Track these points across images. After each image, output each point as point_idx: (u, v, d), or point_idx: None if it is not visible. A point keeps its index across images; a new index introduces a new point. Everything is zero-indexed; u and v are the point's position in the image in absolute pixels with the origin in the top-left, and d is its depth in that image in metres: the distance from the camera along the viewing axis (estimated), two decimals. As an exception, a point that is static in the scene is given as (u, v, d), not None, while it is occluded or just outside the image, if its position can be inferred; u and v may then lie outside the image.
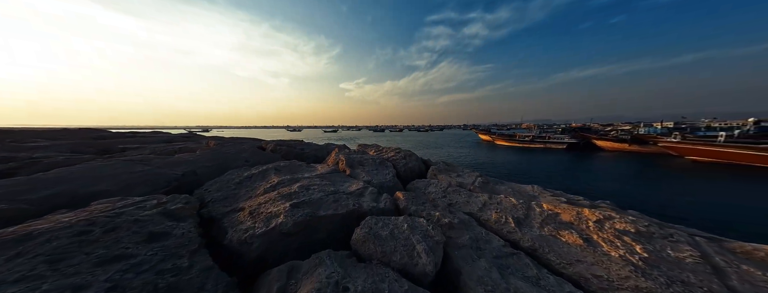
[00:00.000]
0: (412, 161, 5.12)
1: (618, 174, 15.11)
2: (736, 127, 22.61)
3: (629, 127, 38.90)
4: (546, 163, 19.97)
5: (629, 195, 10.76)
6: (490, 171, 17.14)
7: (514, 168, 17.77)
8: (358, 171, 4.20)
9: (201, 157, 3.80)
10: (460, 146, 34.55)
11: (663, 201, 9.52)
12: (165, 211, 2.00)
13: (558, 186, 12.34)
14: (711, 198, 9.80)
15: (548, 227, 2.39)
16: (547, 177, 14.70)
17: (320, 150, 6.11)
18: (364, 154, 5.23)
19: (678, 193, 10.61)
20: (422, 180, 4.18)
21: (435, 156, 22.97)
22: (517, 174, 15.87)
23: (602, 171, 16.14)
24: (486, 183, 4.01)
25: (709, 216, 7.74)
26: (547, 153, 26.56)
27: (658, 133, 26.77)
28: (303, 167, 4.12)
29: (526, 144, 32.36)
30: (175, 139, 7.36)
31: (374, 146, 6.55)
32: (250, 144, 6.02)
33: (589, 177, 14.33)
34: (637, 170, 16.61)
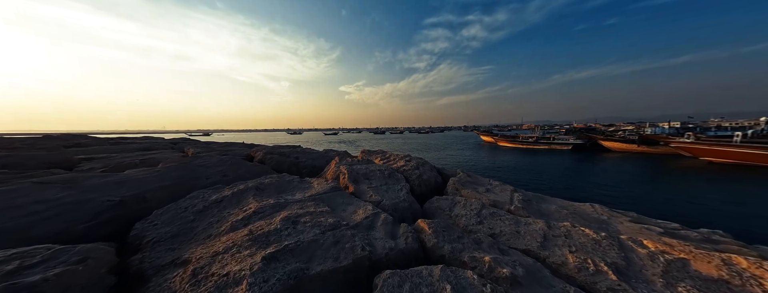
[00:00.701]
0: (427, 172, 4.21)
1: (635, 177, 14.06)
2: (749, 127, 21.69)
3: (633, 127, 37.99)
4: (553, 165, 18.98)
5: (658, 201, 9.72)
6: (494, 173, 16.18)
7: (520, 171, 16.80)
8: (363, 188, 3.30)
9: (160, 174, 2.90)
10: (463, 148, 33.61)
11: (704, 209, 8.45)
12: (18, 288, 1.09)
13: (572, 192, 11.46)
14: (750, 204, 8.80)
15: (684, 286, 1.46)
16: (557, 180, 13.46)
17: (319, 158, 5.20)
18: (369, 164, 4.33)
19: (716, 200, 9.57)
20: (444, 199, 3.27)
21: (440, 159, 22.02)
22: (523, 176, 14.94)
23: (616, 174, 15.14)
24: (528, 201, 3.09)
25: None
26: (552, 154, 25.56)
27: (666, 133, 25.83)
28: (294, 183, 3.22)
29: (529, 145, 31.38)
30: (157, 146, 6.46)
31: (379, 152, 5.65)
32: (235, 152, 5.10)
33: (604, 181, 13.26)
34: (653, 172, 15.61)
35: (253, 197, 2.57)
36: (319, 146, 38.94)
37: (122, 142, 8.68)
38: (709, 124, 27.69)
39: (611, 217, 2.67)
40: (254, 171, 3.75)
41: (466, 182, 3.89)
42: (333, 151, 6.17)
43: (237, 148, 6.14)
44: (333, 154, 5.69)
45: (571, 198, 9.54)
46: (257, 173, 3.73)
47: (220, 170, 3.47)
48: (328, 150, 6.28)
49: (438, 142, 48.53)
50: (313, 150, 6.52)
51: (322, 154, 5.54)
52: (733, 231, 6.46)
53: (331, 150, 6.29)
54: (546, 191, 11.25)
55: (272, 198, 2.57)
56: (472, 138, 54.64)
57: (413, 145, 40.83)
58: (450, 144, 40.83)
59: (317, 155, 5.32)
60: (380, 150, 5.90)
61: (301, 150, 5.66)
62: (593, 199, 9.95)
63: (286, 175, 3.44)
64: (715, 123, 27.30)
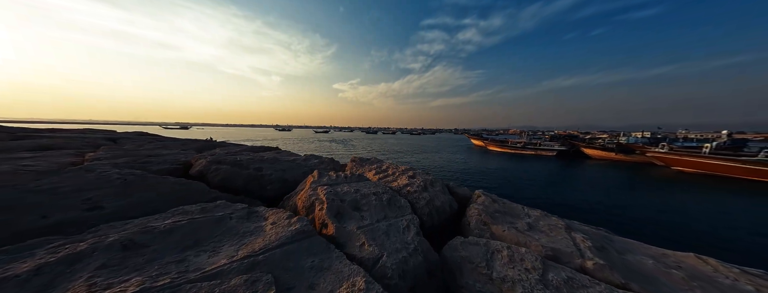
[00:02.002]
0: (439, 195, 3.00)
1: (617, 186, 14.27)
2: (712, 139, 23.17)
3: (607, 136, 39.89)
4: (539, 171, 18.99)
5: (636, 209, 9.66)
6: (487, 179, 15.83)
7: (510, 177, 16.72)
8: (350, 229, 2.02)
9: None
10: (455, 151, 33.24)
11: (683, 220, 8.31)
12: None
13: (559, 199, 11.31)
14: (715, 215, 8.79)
15: None
16: (543, 186, 13.62)
17: (293, 169, 3.78)
18: (360, 182, 3.04)
19: (689, 209, 9.57)
20: (473, 244, 2.08)
21: (435, 163, 21.11)
22: (513, 183, 14.88)
23: (600, 182, 15.21)
24: (603, 249, 1.98)
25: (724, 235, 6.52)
26: (538, 160, 25.79)
27: (639, 142, 27.06)
28: (228, 224, 1.84)
29: (517, 150, 31.68)
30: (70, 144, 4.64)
31: (374, 163, 4.38)
32: (163, 160, 3.41)
33: (590, 190, 13.28)
34: (631, 180, 15.93)
35: (102, 270, 1.18)
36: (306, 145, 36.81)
37: (30, 136, 6.53)
38: (677, 135, 29.46)
39: (739, 279, 1.65)
40: (169, 196, 2.27)
41: (495, 211, 2.74)
42: (315, 158, 4.77)
43: (174, 149, 4.53)
44: (314, 163, 4.30)
45: (569, 210, 8.32)
46: (175, 199, 2.27)
47: (91, 198, 1.94)
48: (310, 157, 4.86)
49: (430, 144, 48.09)
50: (292, 156, 5.07)
51: (299, 163, 4.13)
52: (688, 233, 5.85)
53: (314, 157, 4.88)
54: (538, 200, 10.97)
55: (154, 269, 1.21)
56: (462, 141, 54.88)
57: (406, 146, 39.93)
58: (442, 147, 40.44)
59: (292, 165, 3.90)
60: (375, 159, 4.63)
61: (271, 156, 4.19)
62: (581, 208, 9.84)
63: (223, 205, 2.05)
64: (682, 134, 29.07)
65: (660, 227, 7.59)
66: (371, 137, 71.71)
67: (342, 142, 47.36)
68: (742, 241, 6.20)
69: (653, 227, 7.61)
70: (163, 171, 3.01)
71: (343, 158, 23.72)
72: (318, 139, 53.15)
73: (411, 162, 23.44)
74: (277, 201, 3.08)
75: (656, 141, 27.13)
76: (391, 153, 30.36)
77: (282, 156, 4.73)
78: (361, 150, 32.98)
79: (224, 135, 63.14)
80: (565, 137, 33.95)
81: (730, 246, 5.97)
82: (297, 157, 4.57)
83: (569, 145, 29.14)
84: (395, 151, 32.66)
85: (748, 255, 5.58)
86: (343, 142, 45.29)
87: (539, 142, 31.33)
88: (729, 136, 22.99)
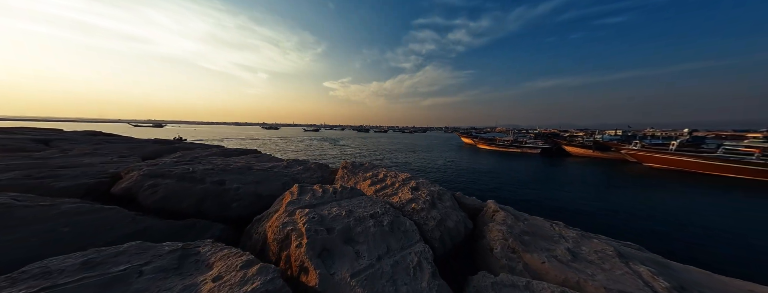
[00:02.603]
0: (451, 213, 2.37)
1: (597, 182, 14.92)
2: (676, 137, 25.10)
3: (583, 134, 42.08)
4: (527, 169, 19.47)
5: (620, 207, 10.04)
6: (477, 177, 15.88)
7: (501, 176, 17.00)
8: (341, 278, 1.34)
9: None
10: (447, 149, 33.34)
11: (664, 217, 8.66)
12: None
13: (549, 199, 11.49)
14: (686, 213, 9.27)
15: None
16: (526, 181, 14.11)
17: (270, 180, 2.94)
18: (353, 198, 2.33)
19: (667, 207, 10.05)
20: (508, 288, 1.51)
21: (428, 161, 20.76)
22: (504, 182, 15.12)
23: (582, 180, 15.76)
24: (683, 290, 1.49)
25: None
26: (524, 157, 26.50)
27: (613, 140, 28.73)
28: (129, 287, 1.09)
29: (505, 148, 32.43)
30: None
31: (370, 169, 3.68)
32: (80, 172, 2.31)
33: (573, 187, 13.74)
34: (610, 178, 16.70)
35: None
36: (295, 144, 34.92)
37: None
38: (645, 132, 31.64)
39: None
40: (56, 235, 1.38)
41: (522, 233, 2.16)
42: (299, 164, 3.95)
43: (110, 158, 3.50)
44: (297, 171, 3.48)
45: (560, 210, 7.89)
46: (72, 237, 1.40)
47: None
48: (293, 162, 4.03)
49: (422, 142, 48.04)
50: (271, 161, 4.22)
51: (279, 171, 3.29)
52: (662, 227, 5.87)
53: (298, 162, 4.06)
54: (530, 200, 11.06)
55: None
56: (453, 139, 55.45)
57: (399, 145, 39.43)
58: (434, 145, 40.44)
59: (267, 174, 3.05)
60: (370, 164, 3.93)
61: (243, 164, 3.32)
62: (571, 208, 9.82)
63: (134, 248, 1.26)
64: (650, 132, 31.25)
65: (645, 227, 7.75)
66: (363, 135, 70.57)
67: (333, 140, 45.90)
68: (721, 243, 6.35)
69: (639, 226, 7.74)
70: (74, 189, 2.10)
71: (334, 159, 22.60)
72: (308, 138, 51.14)
73: (405, 161, 22.98)
74: (248, 222, 2.30)
75: (628, 139, 28.96)
76: (384, 152, 29.70)
77: (260, 161, 3.88)
78: (354, 149, 31.98)
79: (205, 133, 58.68)
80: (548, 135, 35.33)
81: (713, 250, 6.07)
82: (277, 164, 3.74)
83: (552, 143, 30.28)
84: (389, 150, 32.07)
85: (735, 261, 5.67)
86: (335, 141, 43.89)
87: (525, 140, 32.28)
88: (690, 133, 25.02)
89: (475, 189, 12.60)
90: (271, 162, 3.98)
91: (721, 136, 28.62)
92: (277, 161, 4.02)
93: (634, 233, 7.13)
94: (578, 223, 9.53)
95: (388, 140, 52.03)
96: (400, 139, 58.40)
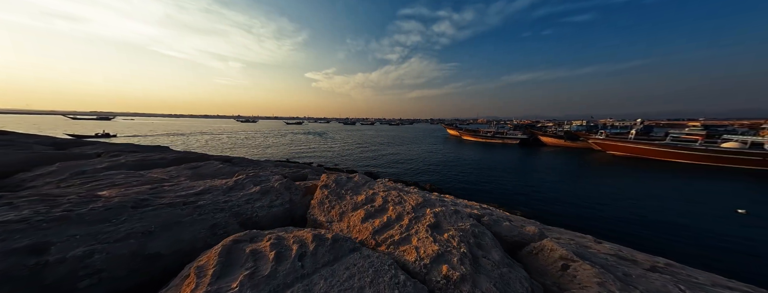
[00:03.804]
0: (507, 276, 1.45)
1: (570, 171, 15.83)
2: (631, 127, 27.69)
3: (552, 124, 44.90)
4: (506, 159, 20.09)
5: (585, 191, 10.79)
6: (463, 167, 15.82)
7: (483, 165, 17.39)
8: None
9: None
10: (434, 141, 33.22)
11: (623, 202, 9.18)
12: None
13: (523, 184, 11.62)
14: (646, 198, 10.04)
15: None
16: (509, 173, 14.53)
17: (179, 226, 1.64)
18: (337, 264, 1.25)
19: (627, 191, 10.82)
20: None
21: (417, 155, 19.90)
22: (485, 170, 15.14)
23: (556, 168, 16.54)
24: None
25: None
26: (505, 148, 27.42)
27: (580, 130, 30.89)
28: None
29: (487, 139, 33.28)
30: None
31: (361, 188, 2.55)
32: None
33: (549, 176, 14.50)
34: (579, 166, 17.82)
35: None
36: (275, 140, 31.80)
37: None
38: (605, 122, 34.48)
39: None
40: None
41: None
42: (256, 181, 2.65)
43: None
44: (243, 200, 2.15)
45: (540, 199, 7.63)
46: None
47: None
48: (248, 180, 2.68)
49: (409, 134, 47.51)
50: (209, 179, 2.85)
51: (208, 202, 1.94)
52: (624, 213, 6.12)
53: (255, 178, 2.76)
54: (514, 191, 11.23)
55: None
56: (439, 131, 55.84)
57: (386, 137, 38.43)
58: (421, 137, 40.13)
59: (182, 212, 1.73)
60: (362, 178, 2.80)
61: (136, 193, 1.90)
62: (550, 197, 10.11)
63: None
64: (609, 122, 34.11)
65: (609, 211, 8.18)
66: (349, 128, 68.02)
67: (318, 134, 43.30)
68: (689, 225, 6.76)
69: (606, 210, 8.24)
70: None
71: (321, 155, 20.86)
72: (290, 132, 47.61)
73: (394, 153, 22.17)
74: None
75: (591, 128, 31.34)
76: (372, 145, 28.52)
77: (193, 177, 2.54)
78: (341, 143, 30.25)
79: (162, 127, 51.05)
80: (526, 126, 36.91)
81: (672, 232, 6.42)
82: (216, 185, 2.38)
83: (529, 134, 31.66)
84: (377, 143, 30.95)
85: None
86: (320, 135, 41.41)
87: (505, 131, 33.34)
88: (642, 123, 27.68)
89: (464, 181, 12.37)
90: (211, 179, 2.64)
91: (659, 124, 32.22)
92: (224, 178, 2.71)
93: (602, 219, 7.60)
94: (556, 210, 9.48)
95: (375, 133, 50.65)
96: (387, 131, 57.34)
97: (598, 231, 6.33)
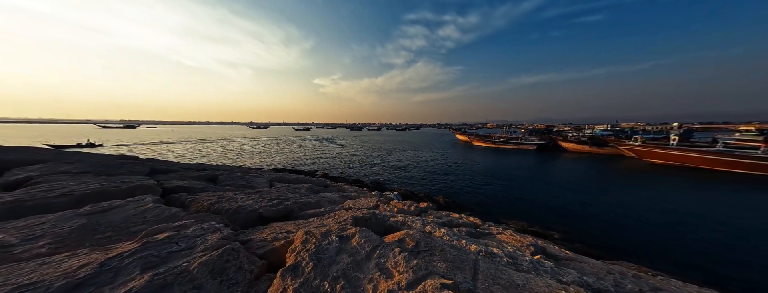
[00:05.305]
0: None
1: (604, 181, 13.51)
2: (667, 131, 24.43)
3: (569, 128, 41.46)
4: (525, 167, 17.89)
5: (634, 210, 8.54)
6: (479, 177, 14.10)
7: (500, 174, 15.40)
8: None
9: None
10: (443, 147, 31.44)
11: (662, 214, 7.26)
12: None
13: (557, 201, 9.38)
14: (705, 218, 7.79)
15: None
16: (532, 183, 12.63)
17: None
18: None
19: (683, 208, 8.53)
20: None
21: (428, 162, 17.84)
22: (504, 180, 13.30)
23: (585, 178, 14.27)
24: None
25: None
26: (520, 154, 25.06)
27: (605, 134, 27.88)
28: None
29: (501, 145, 31.00)
30: None
31: (365, 260, 1.33)
32: None
33: (578, 187, 12.23)
34: (612, 174, 15.38)
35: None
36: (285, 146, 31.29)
37: None
38: (636, 127, 31.05)
39: None
40: None
41: None
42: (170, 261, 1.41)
43: None
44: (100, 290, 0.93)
45: (573, 216, 7.12)
46: None
47: None
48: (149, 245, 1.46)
49: (416, 139, 45.85)
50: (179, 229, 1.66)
51: None
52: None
53: (163, 243, 1.52)
54: (540, 204, 8.93)
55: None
56: (447, 136, 53.63)
57: (394, 143, 37.12)
58: (428, 142, 38.41)
59: None
60: (368, 238, 1.57)
61: None
62: (582, 212, 8.69)
63: None
64: (641, 126, 30.67)
65: (667, 230, 6.29)
66: (356, 134, 67.55)
67: (327, 140, 42.87)
68: None
69: (661, 230, 6.39)
70: None
71: (332, 162, 18.42)
72: (300, 138, 47.64)
73: (403, 158, 20.72)
74: None
75: (618, 133, 28.19)
76: (379, 151, 27.29)
77: (32, 248, 1.38)
78: (349, 149, 29.31)
79: (185, 133, 53.07)
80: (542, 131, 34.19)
81: None
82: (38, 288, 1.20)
83: (548, 139, 29.06)
84: (384, 149, 29.71)
85: None
86: (329, 141, 40.91)
87: (520, 136, 30.97)
88: (680, 127, 24.38)
89: (483, 193, 10.61)
90: (71, 252, 1.44)
91: (691, 129, 28.40)
92: (116, 241, 1.51)
93: (659, 238, 5.86)
94: (594, 229, 7.05)
95: (382, 138, 49.53)
96: (395, 136, 55.98)
97: (684, 264, 4.55)
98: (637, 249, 5.62)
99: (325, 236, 1.62)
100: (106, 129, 69.54)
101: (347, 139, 44.59)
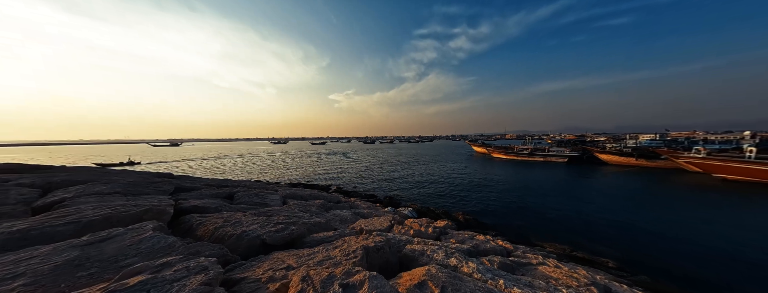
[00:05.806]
0: None
1: (660, 197, 10.97)
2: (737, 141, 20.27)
3: (606, 139, 36.85)
4: (553, 180, 15.61)
5: (720, 234, 6.25)
6: (503, 193, 12.40)
7: (522, 186, 13.57)
8: None
9: None
10: (458, 160, 29.84)
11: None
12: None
13: (587, 213, 8.05)
14: None
15: None
16: (562, 198, 10.69)
17: None
18: None
19: None
20: None
21: (443, 176, 15.92)
22: (526, 193, 11.65)
23: (634, 192, 11.82)
24: None
25: None
26: (548, 167, 22.43)
27: (653, 145, 24.10)
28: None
29: (524, 157, 28.42)
30: None
31: None
32: None
33: (625, 202, 9.97)
34: (673, 190, 12.57)
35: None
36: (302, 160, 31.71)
37: None
38: (694, 136, 26.53)
39: None
40: None
41: None
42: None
43: None
44: None
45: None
46: None
47: None
48: None
49: (429, 151, 44.58)
50: None
51: None
52: None
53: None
54: (563, 217, 7.35)
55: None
56: (462, 148, 51.32)
57: (408, 155, 36.41)
58: (444, 155, 36.93)
59: None
60: None
61: None
62: (657, 247, 4.58)
63: None
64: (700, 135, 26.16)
65: None
66: (370, 147, 68.25)
67: (341, 153, 43.81)
68: None
69: None
70: None
71: (345, 176, 17.99)
72: (315, 152, 49.48)
73: (419, 173, 19.82)
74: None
75: (669, 143, 24.17)
76: (393, 164, 26.78)
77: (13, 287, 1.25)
78: (363, 162, 29.38)
79: (218, 150, 58.61)
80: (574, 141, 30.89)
81: None
82: None
83: (581, 150, 25.94)
84: (398, 162, 29.15)
85: None
86: (343, 154, 41.74)
87: (547, 147, 28.21)
88: (753, 137, 20.08)
89: (511, 213, 9.03)
90: None
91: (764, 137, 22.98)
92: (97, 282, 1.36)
93: None
94: (660, 253, 5.18)
95: (395, 151, 49.11)
96: (408, 149, 55.21)
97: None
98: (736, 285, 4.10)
99: (326, 286, 1.28)
100: (157, 147, 79.93)
101: (361, 153, 45.06)
